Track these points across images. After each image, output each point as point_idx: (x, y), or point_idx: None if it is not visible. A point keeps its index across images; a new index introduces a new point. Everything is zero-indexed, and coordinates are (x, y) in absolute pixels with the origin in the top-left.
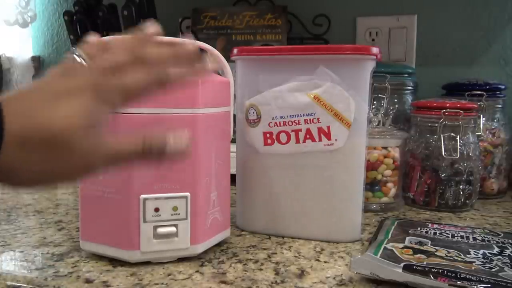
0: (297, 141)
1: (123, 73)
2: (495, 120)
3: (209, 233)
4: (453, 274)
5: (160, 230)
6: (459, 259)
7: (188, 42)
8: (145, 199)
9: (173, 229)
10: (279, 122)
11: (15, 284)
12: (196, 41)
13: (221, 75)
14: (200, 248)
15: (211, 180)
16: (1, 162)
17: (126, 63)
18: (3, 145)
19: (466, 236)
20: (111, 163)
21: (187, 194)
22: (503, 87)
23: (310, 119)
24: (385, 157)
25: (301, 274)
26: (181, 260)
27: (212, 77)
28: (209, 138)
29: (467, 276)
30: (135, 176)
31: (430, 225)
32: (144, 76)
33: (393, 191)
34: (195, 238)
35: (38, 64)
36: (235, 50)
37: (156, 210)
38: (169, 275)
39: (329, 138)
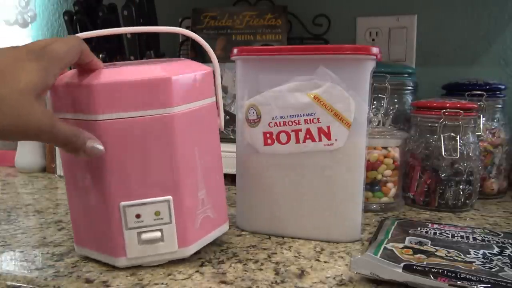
0: (297, 141)
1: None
2: (495, 120)
3: (200, 233)
4: (453, 274)
5: (144, 236)
6: (459, 259)
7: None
8: (124, 206)
9: (158, 234)
10: (279, 122)
11: (15, 284)
12: (178, 28)
13: (220, 75)
14: (191, 250)
15: (196, 179)
16: None
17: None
18: None
19: (466, 236)
20: (44, 136)
21: (169, 197)
22: (503, 87)
23: (310, 119)
24: (385, 157)
25: (301, 274)
26: (181, 260)
27: (190, 68)
28: (189, 135)
29: (467, 276)
30: (113, 182)
31: (430, 225)
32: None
33: (393, 191)
34: (183, 241)
35: None
36: (235, 50)
37: (138, 216)
38: (169, 275)
39: (329, 138)
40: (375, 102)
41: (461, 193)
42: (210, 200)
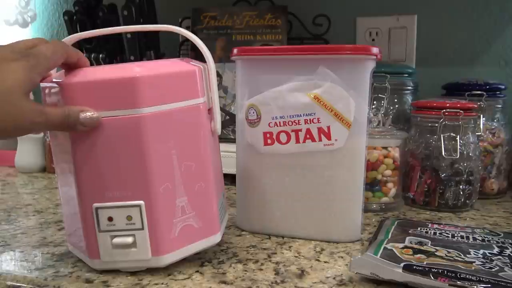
0: (297, 141)
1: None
2: (495, 120)
3: (180, 243)
4: (453, 274)
5: (116, 240)
6: (459, 259)
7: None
8: (97, 208)
9: (129, 239)
10: (279, 122)
11: (15, 284)
12: (173, 26)
13: (220, 75)
14: (167, 259)
15: (173, 185)
16: None
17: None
18: None
19: (466, 236)
20: (38, 126)
21: (141, 202)
22: (503, 87)
23: (310, 119)
24: (385, 157)
25: (301, 274)
26: (181, 260)
27: (172, 67)
28: (165, 138)
29: (467, 276)
30: (85, 183)
31: (430, 225)
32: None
33: (393, 191)
34: (157, 249)
35: None
36: (235, 50)
37: (110, 219)
38: (169, 275)
39: (329, 138)
40: (375, 102)
41: (461, 193)
42: (193, 208)
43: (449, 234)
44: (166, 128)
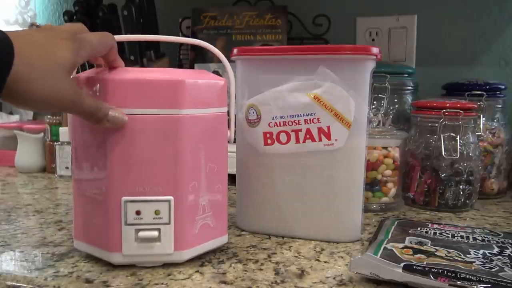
0: (297, 141)
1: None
2: (495, 120)
3: (198, 240)
4: (453, 274)
5: (142, 233)
6: (459, 259)
7: (192, 42)
8: (126, 201)
9: (155, 233)
10: (279, 122)
11: (15, 284)
12: (199, 40)
13: (220, 75)
14: (186, 255)
15: (199, 184)
16: (11, 76)
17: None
18: (14, 59)
19: (466, 236)
20: (74, 108)
21: (170, 198)
22: (503, 87)
23: (310, 119)
24: (385, 157)
25: (301, 274)
26: None
27: (205, 76)
28: (197, 139)
29: (467, 276)
30: (117, 177)
31: (430, 225)
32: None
33: (393, 191)
34: (180, 244)
35: None
36: (235, 50)
37: (138, 213)
38: (169, 275)
39: (329, 138)
40: (375, 102)
41: (461, 193)
42: (211, 208)
43: (449, 234)
44: (198, 130)
